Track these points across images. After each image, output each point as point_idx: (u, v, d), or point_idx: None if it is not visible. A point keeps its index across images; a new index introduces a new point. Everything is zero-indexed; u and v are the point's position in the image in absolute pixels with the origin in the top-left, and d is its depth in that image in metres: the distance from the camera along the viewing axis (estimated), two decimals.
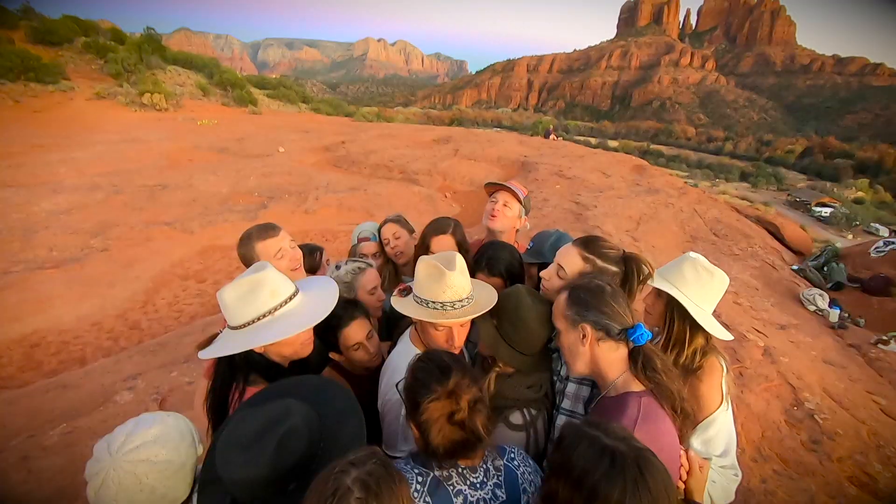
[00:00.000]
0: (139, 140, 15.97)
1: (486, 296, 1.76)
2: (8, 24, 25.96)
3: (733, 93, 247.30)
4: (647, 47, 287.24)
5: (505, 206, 2.49)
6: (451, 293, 1.64)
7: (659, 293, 1.72)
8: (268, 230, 2.06)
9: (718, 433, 1.59)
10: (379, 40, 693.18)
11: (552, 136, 23.24)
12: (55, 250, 7.27)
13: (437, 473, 1.31)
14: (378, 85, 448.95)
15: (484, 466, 1.36)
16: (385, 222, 2.78)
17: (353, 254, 2.88)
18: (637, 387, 1.44)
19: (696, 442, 1.57)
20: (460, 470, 1.32)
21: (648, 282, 1.73)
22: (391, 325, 2.30)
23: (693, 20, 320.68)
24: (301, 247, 2.31)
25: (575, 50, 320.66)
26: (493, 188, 2.59)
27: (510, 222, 2.51)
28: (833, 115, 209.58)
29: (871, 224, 49.60)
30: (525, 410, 1.68)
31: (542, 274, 1.84)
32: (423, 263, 1.70)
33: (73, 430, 3.57)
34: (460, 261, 1.71)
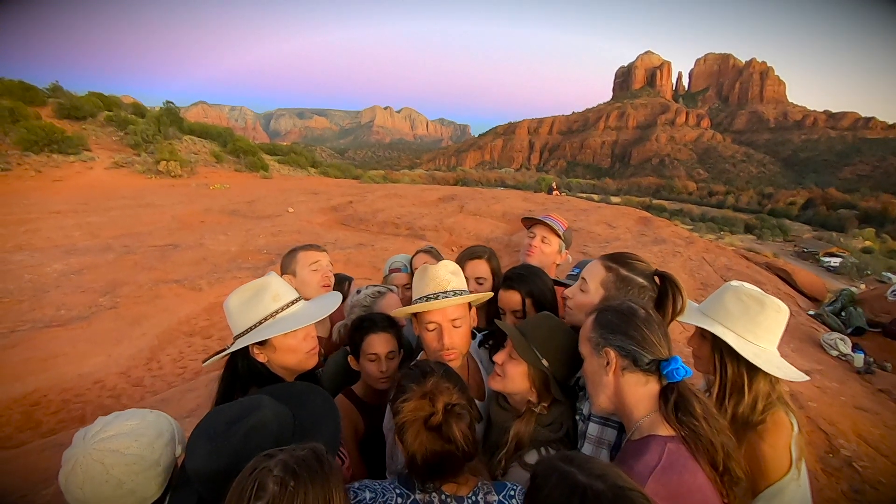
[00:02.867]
0: (153, 205, 16.43)
1: (477, 295, 1.78)
2: (37, 101, 27.56)
3: (730, 148, 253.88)
4: (643, 108, 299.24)
5: (543, 241, 2.34)
6: (434, 285, 1.66)
7: (703, 333, 1.50)
8: (314, 245, 2.21)
9: None
10: (385, 108, 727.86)
11: (555, 193, 23.67)
12: (63, 309, 7.26)
13: (418, 497, 1.22)
14: (384, 149, 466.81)
15: (473, 499, 1.23)
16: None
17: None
18: (665, 430, 1.20)
19: None
20: (444, 497, 1.21)
21: (681, 318, 1.51)
22: (408, 357, 2.25)
23: (685, 82, 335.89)
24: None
25: (573, 112, 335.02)
26: (531, 222, 2.43)
27: (548, 258, 2.35)
28: (831, 168, 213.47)
29: (883, 273, 48.89)
30: (543, 450, 1.53)
31: (565, 293, 1.71)
32: (418, 268, 1.76)
33: None
34: (452, 264, 1.75)
